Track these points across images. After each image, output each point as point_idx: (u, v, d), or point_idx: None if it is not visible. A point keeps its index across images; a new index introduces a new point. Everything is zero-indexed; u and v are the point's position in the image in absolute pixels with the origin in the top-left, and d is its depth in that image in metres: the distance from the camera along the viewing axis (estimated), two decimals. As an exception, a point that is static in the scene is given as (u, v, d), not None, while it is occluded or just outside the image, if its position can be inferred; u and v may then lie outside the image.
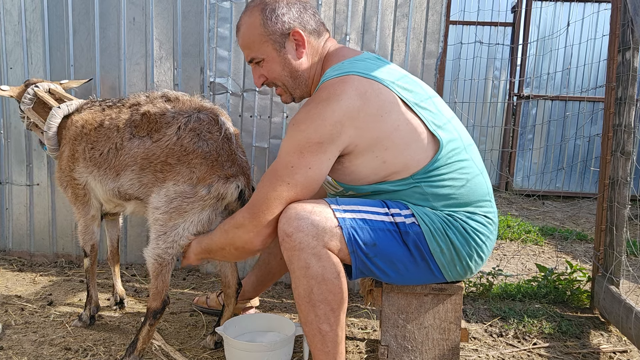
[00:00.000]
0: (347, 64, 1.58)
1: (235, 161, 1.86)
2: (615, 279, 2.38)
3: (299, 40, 1.64)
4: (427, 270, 1.58)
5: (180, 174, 1.80)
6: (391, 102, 1.52)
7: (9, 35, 2.84)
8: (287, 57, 1.65)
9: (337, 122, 1.47)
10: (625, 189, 2.33)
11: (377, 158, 1.53)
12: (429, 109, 1.58)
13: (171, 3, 2.74)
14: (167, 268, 1.85)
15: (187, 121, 1.84)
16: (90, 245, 2.18)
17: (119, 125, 1.94)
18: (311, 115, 1.49)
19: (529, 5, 6.12)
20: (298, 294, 1.53)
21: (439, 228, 1.54)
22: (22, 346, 2.03)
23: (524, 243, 4.03)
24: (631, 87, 2.31)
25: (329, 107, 1.48)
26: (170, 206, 1.80)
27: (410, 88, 1.58)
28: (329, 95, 1.50)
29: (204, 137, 1.82)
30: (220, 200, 1.83)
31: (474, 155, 1.65)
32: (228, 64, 2.74)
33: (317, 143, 1.48)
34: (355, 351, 2.12)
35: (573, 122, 6.26)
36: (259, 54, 1.66)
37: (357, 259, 1.53)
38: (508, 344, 2.24)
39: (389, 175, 1.55)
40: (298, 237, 1.47)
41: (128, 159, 1.89)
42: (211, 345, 2.06)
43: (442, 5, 2.55)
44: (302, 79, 1.69)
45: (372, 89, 1.51)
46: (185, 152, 1.80)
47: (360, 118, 1.48)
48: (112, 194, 1.98)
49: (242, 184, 1.85)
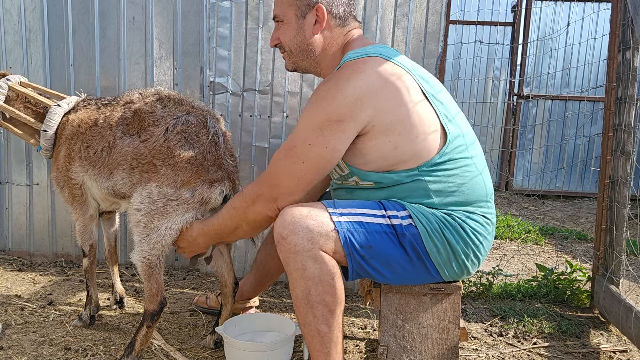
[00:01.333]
0: (368, 48, 1.60)
1: (221, 166, 1.84)
2: (615, 279, 2.38)
3: (319, 18, 1.66)
4: (423, 270, 1.58)
5: (165, 176, 1.78)
6: (411, 88, 1.53)
7: (8, 35, 2.84)
8: (302, 28, 1.67)
9: (357, 100, 1.48)
10: (625, 189, 2.33)
11: (390, 143, 1.52)
12: (442, 101, 1.60)
13: (171, 2, 2.74)
14: (157, 269, 1.84)
15: (175, 123, 1.82)
16: (89, 245, 2.17)
17: (112, 123, 1.92)
18: (332, 92, 1.50)
19: (529, 5, 6.11)
20: (296, 296, 1.53)
21: (436, 228, 1.54)
22: (22, 346, 2.03)
23: (524, 243, 4.03)
24: (631, 87, 2.31)
25: (350, 84, 1.48)
26: (152, 207, 1.79)
27: (426, 78, 1.61)
28: (351, 72, 1.51)
29: (190, 141, 1.80)
30: (204, 204, 1.81)
31: (476, 153, 1.65)
32: (228, 64, 2.74)
33: (337, 121, 1.49)
34: (355, 351, 2.12)
35: (573, 122, 6.26)
36: (281, 14, 1.70)
37: (353, 260, 1.53)
38: (508, 344, 2.23)
39: (397, 164, 1.55)
40: (293, 240, 1.48)
41: (120, 158, 1.88)
42: (211, 345, 2.06)
43: (442, 4, 2.55)
44: (310, 54, 1.70)
45: (394, 72, 1.52)
46: (171, 155, 1.78)
47: (380, 98, 1.49)
48: (108, 193, 1.97)
49: (226, 189, 1.84)
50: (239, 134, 2.77)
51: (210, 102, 2.76)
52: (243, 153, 2.79)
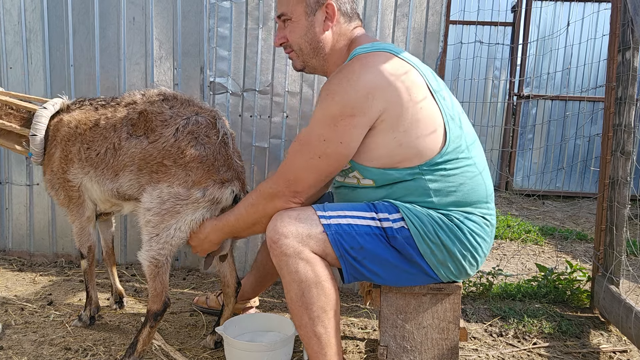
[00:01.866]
0: (377, 44, 1.61)
1: (231, 166, 1.85)
2: (615, 279, 2.38)
3: (330, 14, 1.66)
4: (419, 271, 1.58)
5: (176, 176, 1.79)
6: (419, 84, 1.53)
7: (8, 35, 2.84)
8: (313, 25, 1.67)
9: (369, 93, 1.48)
10: (625, 189, 2.33)
11: (395, 140, 1.52)
12: (446, 99, 1.60)
13: (171, 3, 2.74)
14: (163, 269, 1.84)
15: (185, 123, 1.83)
16: (87, 246, 2.15)
17: (116, 124, 1.91)
18: (343, 86, 1.50)
19: (529, 5, 6.11)
20: (290, 299, 1.54)
21: (429, 230, 1.54)
22: (22, 346, 2.03)
23: (524, 243, 4.03)
24: (631, 87, 2.31)
25: (362, 78, 1.49)
26: (163, 207, 1.79)
27: (432, 76, 1.61)
28: (361, 65, 1.51)
29: (201, 141, 1.81)
30: (215, 204, 1.82)
31: (476, 153, 1.65)
32: (228, 64, 2.74)
33: (350, 116, 1.49)
34: (355, 351, 2.12)
35: (573, 122, 6.26)
36: (289, 12, 1.67)
37: (346, 262, 1.54)
38: (508, 344, 2.23)
39: (400, 162, 1.55)
40: (284, 243, 1.49)
41: (126, 159, 1.87)
42: (211, 345, 2.06)
43: (442, 5, 2.55)
44: (321, 51, 1.70)
45: (402, 67, 1.53)
46: (182, 155, 1.79)
47: (390, 92, 1.49)
48: (111, 195, 1.96)
49: (237, 188, 1.85)
50: (239, 134, 2.77)
51: (211, 103, 2.76)
52: (243, 153, 2.79)
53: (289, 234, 1.50)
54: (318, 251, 1.52)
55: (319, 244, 1.51)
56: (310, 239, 1.50)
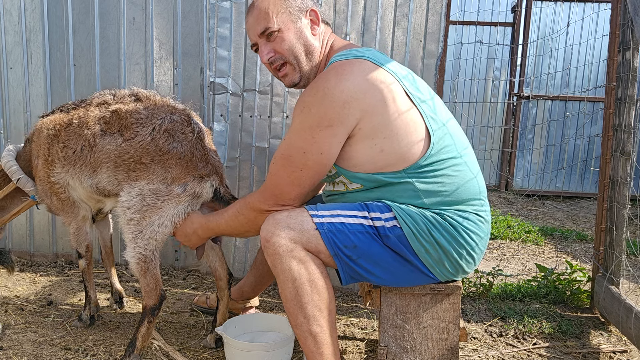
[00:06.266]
0: (354, 51, 1.60)
1: (208, 161, 1.90)
2: (615, 279, 2.38)
3: (314, 19, 1.67)
4: (415, 270, 1.58)
5: (155, 173, 1.83)
6: (395, 91, 1.52)
7: (8, 35, 2.84)
8: (302, 30, 1.66)
9: (345, 103, 1.48)
10: (625, 189, 2.33)
11: (376, 146, 1.53)
12: (429, 104, 1.60)
13: (171, 3, 2.74)
14: (152, 264, 1.86)
15: (161, 122, 1.88)
16: (84, 246, 2.17)
17: (89, 122, 1.95)
18: (319, 97, 1.50)
19: (529, 5, 6.12)
20: (285, 297, 1.54)
21: (422, 229, 1.53)
22: (22, 346, 2.03)
23: (524, 243, 4.03)
24: (631, 87, 2.31)
25: (338, 87, 1.48)
26: (144, 204, 1.82)
27: (413, 83, 1.60)
28: (337, 74, 1.51)
29: (178, 138, 1.86)
30: (196, 198, 1.87)
31: (469, 159, 1.64)
32: (228, 64, 2.74)
33: (327, 126, 1.49)
34: (355, 351, 2.12)
35: (573, 122, 6.26)
36: (274, 24, 1.63)
37: (341, 262, 1.54)
38: (508, 344, 2.24)
39: (384, 167, 1.55)
40: (276, 242, 1.50)
41: (102, 156, 1.91)
42: (212, 344, 2.06)
43: (442, 5, 2.55)
44: (314, 55, 1.68)
45: (379, 74, 1.52)
46: (160, 153, 1.84)
47: (366, 100, 1.49)
48: (92, 190, 1.99)
49: (215, 182, 1.90)
50: (239, 134, 2.77)
51: (211, 103, 2.77)
52: (243, 153, 2.80)
53: (282, 232, 1.50)
54: (311, 249, 1.52)
55: (312, 242, 1.52)
56: (302, 235, 1.51)
